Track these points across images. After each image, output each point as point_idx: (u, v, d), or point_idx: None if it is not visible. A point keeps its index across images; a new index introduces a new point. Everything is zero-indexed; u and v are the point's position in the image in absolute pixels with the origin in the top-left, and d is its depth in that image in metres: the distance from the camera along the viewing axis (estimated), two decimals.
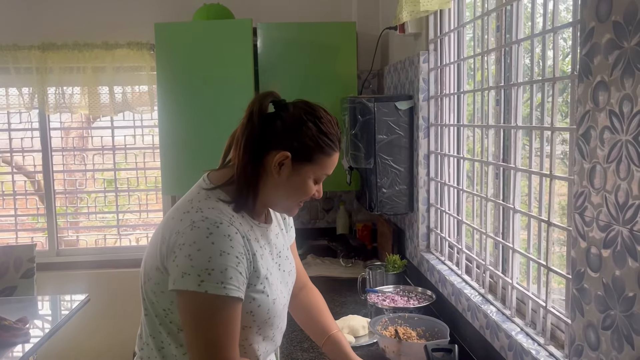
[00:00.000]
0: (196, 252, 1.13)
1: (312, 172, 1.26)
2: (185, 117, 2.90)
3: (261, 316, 1.26)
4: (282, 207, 1.33)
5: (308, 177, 1.26)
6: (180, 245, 1.15)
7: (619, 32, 1.01)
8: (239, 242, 1.18)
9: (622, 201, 1.01)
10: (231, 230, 1.17)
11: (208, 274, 1.12)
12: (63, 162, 3.61)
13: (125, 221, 3.79)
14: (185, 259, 1.13)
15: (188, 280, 1.12)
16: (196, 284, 1.12)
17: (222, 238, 1.15)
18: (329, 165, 1.28)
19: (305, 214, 3.39)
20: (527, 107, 1.66)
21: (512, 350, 1.48)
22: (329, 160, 1.27)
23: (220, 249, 1.14)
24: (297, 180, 1.26)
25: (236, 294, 1.15)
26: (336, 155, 1.29)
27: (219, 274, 1.12)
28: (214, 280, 1.12)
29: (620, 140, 1.01)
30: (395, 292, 2.15)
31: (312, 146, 1.24)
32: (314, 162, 1.25)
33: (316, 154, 1.25)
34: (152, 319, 1.26)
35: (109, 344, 3.43)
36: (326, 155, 1.26)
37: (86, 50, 3.21)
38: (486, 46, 1.79)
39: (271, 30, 2.94)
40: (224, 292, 1.13)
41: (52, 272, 3.36)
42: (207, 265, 1.12)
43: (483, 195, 1.82)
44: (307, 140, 1.23)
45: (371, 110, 2.36)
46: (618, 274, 1.02)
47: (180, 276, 1.13)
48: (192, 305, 1.15)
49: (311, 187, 1.28)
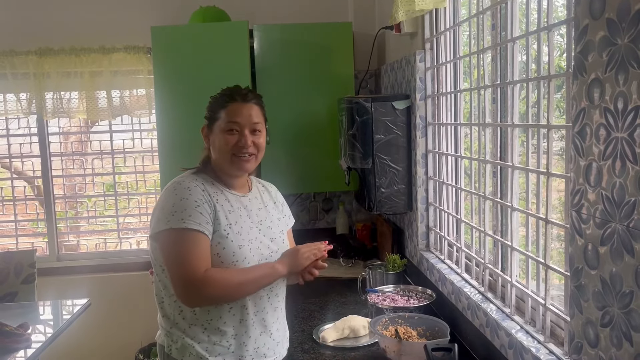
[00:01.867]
0: (165, 203, 1.49)
1: (220, 126, 1.57)
2: (184, 120, 2.90)
3: (227, 257, 1.50)
4: (224, 164, 1.58)
5: (219, 131, 1.56)
6: (157, 205, 1.53)
7: (613, 29, 1.01)
8: (198, 192, 1.50)
9: (618, 198, 1.01)
10: (191, 184, 1.52)
11: (172, 215, 1.46)
12: (62, 167, 3.61)
13: (125, 225, 3.78)
14: (159, 211, 1.50)
15: (159, 224, 1.47)
16: (164, 224, 1.46)
17: (182, 189, 1.50)
18: (229, 114, 1.56)
19: (305, 215, 3.39)
20: (523, 104, 1.66)
21: (513, 348, 1.48)
22: (226, 111, 1.56)
23: (181, 196, 1.48)
24: (215, 138, 1.58)
25: (195, 227, 1.45)
26: (233, 105, 1.57)
27: (180, 213, 1.46)
28: (177, 218, 1.45)
29: (615, 138, 1.01)
30: (395, 291, 2.15)
31: (212, 107, 1.61)
32: (218, 118, 1.58)
33: (215, 112, 1.59)
34: (156, 279, 1.57)
35: (111, 347, 3.43)
36: (222, 107, 1.57)
37: (83, 54, 3.21)
38: (482, 44, 1.79)
39: (267, 32, 2.94)
40: (184, 225, 1.44)
41: (53, 277, 3.36)
42: (171, 209, 1.47)
43: (481, 194, 1.83)
44: (208, 106, 1.63)
45: (368, 110, 2.36)
46: (615, 270, 1.03)
47: (155, 223, 1.49)
48: (164, 243, 1.48)
49: (226, 138, 1.55)
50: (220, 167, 1.60)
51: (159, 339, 1.59)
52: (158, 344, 1.60)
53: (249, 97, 1.59)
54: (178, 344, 1.51)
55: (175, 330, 1.52)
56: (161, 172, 2.96)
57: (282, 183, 2.13)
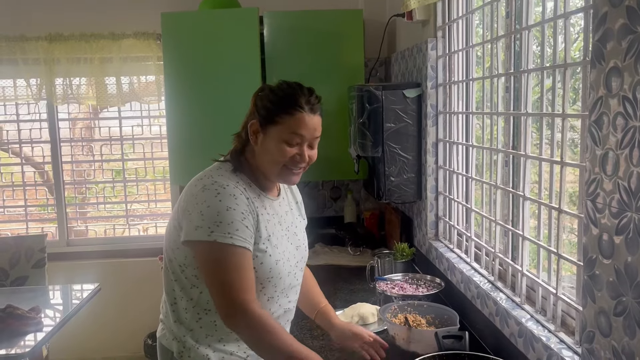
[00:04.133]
0: (206, 208, 1.33)
1: (279, 133, 1.39)
2: (193, 107, 2.90)
3: (263, 273, 1.40)
4: (272, 173, 1.44)
5: (277, 138, 1.39)
6: (194, 204, 1.35)
7: (633, 16, 0.99)
8: (244, 201, 1.37)
9: (635, 187, 1.00)
10: (236, 191, 1.36)
11: (217, 226, 1.31)
12: (71, 153, 3.62)
13: (133, 211, 3.81)
14: (197, 215, 1.33)
15: (200, 232, 1.32)
16: (206, 234, 1.31)
17: (228, 197, 1.34)
18: (294, 125, 1.38)
19: (313, 203, 3.39)
20: (535, 93, 1.65)
21: (523, 337, 1.49)
22: (292, 120, 1.38)
23: (227, 205, 1.33)
24: (270, 143, 1.40)
25: (242, 243, 1.33)
26: (301, 115, 1.38)
27: (226, 225, 1.31)
28: (222, 231, 1.31)
29: (633, 126, 1.00)
30: (404, 280, 2.15)
31: (272, 108, 1.39)
32: (278, 123, 1.39)
33: (277, 115, 1.38)
34: (169, 277, 1.46)
35: (120, 332, 3.47)
36: (288, 114, 1.38)
37: (93, 40, 3.21)
38: (495, 33, 1.77)
39: (278, 19, 2.93)
40: (231, 242, 1.31)
41: (63, 262, 3.39)
42: (215, 218, 1.31)
43: (492, 183, 1.82)
44: (267, 104, 1.40)
45: (379, 98, 2.35)
46: (630, 260, 1.02)
47: (193, 229, 1.33)
48: (205, 254, 1.34)
49: (284, 149, 1.39)
50: (264, 172, 1.45)
51: (164, 340, 1.48)
52: (163, 346, 1.49)
53: (316, 108, 1.42)
54: (191, 352, 1.42)
55: (189, 339, 1.43)
56: (170, 159, 2.96)
57: None
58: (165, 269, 1.48)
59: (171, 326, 1.46)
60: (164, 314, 1.52)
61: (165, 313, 1.50)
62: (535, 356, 1.42)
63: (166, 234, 1.48)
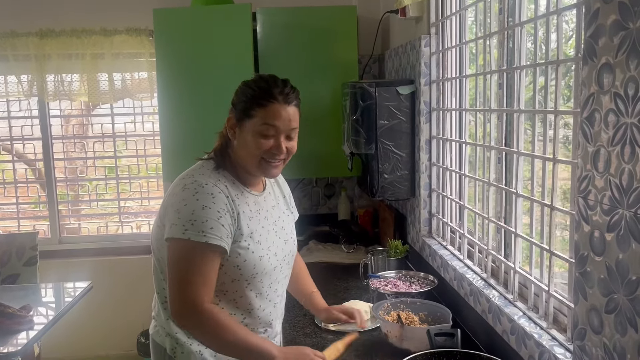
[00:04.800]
0: (183, 206, 1.34)
1: (254, 126, 1.39)
2: (186, 104, 2.89)
3: (247, 270, 1.41)
4: (251, 167, 1.44)
5: (252, 131, 1.39)
6: (172, 203, 1.37)
7: (625, 13, 0.99)
8: (222, 200, 1.36)
9: (626, 184, 1.00)
10: (215, 190, 1.37)
11: (191, 224, 1.32)
12: (63, 150, 3.60)
13: (126, 208, 3.79)
14: (174, 213, 1.35)
15: (175, 230, 1.33)
16: (181, 232, 1.32)
17: (205, 195, 1.35)
18: (267, 116, 1.38)
19: (307, 200, 3.39)
20: (528, 91, 1.65)
21: (515, 334, 1.49)
22: (264, 112, 1.38)
23: (203, 204, 1.34)
24: (246, 137, 1.41)
25: (216, 242, 1.33)
26: (273, 106, 1.38)
27: (201, 224, 1.32)
28: (196, 229, 1.32)
29: (625, 123, 1.00)
30: (397, 277, 2.15)
31: (244, 101, 1.40)
32: (252, 116, 1.39)
33: (250, 108, 1.39)
34: (158, 276, 1.47)
35: (112, 330, 3.45)
36: (260, 106, 1.38)
37: (84, 36, 3.19)
38: (488, 29, 1.76)
39: (271, 15, 2.91)
40: (204, 240, 1.32)
41: (55, 260, 3.37)
42: (190, 217, 1.32)
43: (485, 180, 1.82)
44: (241, 98, 1.42)
45: (372, 95, 2.34)
46: (622, 257, 1.02)
47: (169, 227, 1.35)
48: (176, 251, 1.35)
49: (260, 141, 1.39)
50: (244, 166, 1.45)
51: (157, 337, 1.49)
52: (156, 342, 1.49)
53: (290, 99, 1.40)
54: (184, 348, 1.43)
55: (182, 336, 1.44)
56: (163, 156, 2.95)
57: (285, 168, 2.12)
58: (155, 268, 1.49)
59: (163, 323, 1.47)
60: (156, 312, 1.52)
61: (157, 311, 1.50)
62: (528, 353, 1.42)
63: (153, 233, 1.48)
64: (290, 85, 1.43)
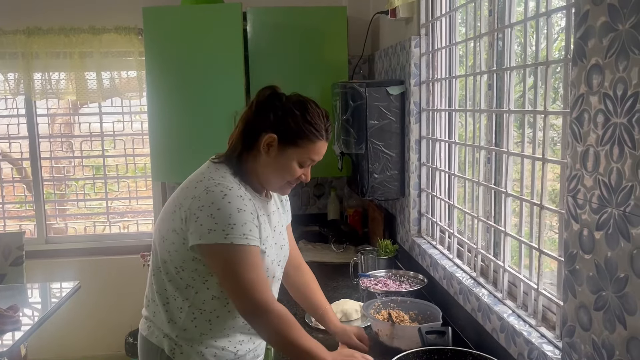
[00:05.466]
0: (216, 211, 1.32)
1: (297, 155, 1.42)
2: (175, 103, 2.87)
3: None
4: (273, 185, 1.49)
5: (292, 159, 1.43)
6: (200, 207, 1.34)
7: (614, 14, 1.01)
8: (250, 202, 1.39)
9: (615, 183, 1.02)
10: (241, 192, 1.38)
11: (231, 228, 1.32)
12: (50, 149, 3.56)
13: (114, 208, 3.76)
14: (208, 218, 1.32)
15: (214, 235, 1.32)
16: (222, 237, 1.32)
17: (236, 198, 1.35)
18: (312, 151, 1.43)
19: (296, 200, 3.39)
20: (518, 91, 1.67)
21: (504, 332, 1.50)
22: (312, 147, 1.43)
23: (237, 206, 1.34)
24: (283, 160, 1.42)
25: (256, 243, 1.36)
26: (321, 143, 1.44)
27: (241, 227, 1.33)
28: (237, 233, 1.33)
29: (613, 123, 1.02)
30: (387, 276, 2.16)
31: (297, 131, 1.41)
32: (299, 146, 1.41)
33: (300, 138, 1.41)
34: (161, 277, 1.45)
35: (100, 331, 3.43)
36: (310, 141, 1.42)
37: (72, 35, 3.16)
38: (478, 30, 1.78)
39: (261, 15, 2.91)
40: (246, 242, 1.34)
41: (42, 260, 3.33)
42: (229, 220, 1.32)
43: (475, 180, 1.83)
44: (293, 125, 1.41)
45: (363, 95, 2.35)
46: (610, 255, 1.04)
47: (206, 232, 1.32)
48: (221, 256, 1.35)
49: (296, 169, 1.44)
50: (264, 180, 1.47)
51: (153, 337, 1.47)
52: (151, 343, 1.47)
53: (329, 136, 1.47)
54: (183, 349, 1.43)
55: (182, 337, 1.44)
56: (151, 155, 2.93)
57: None
58: (157, 269, 1.46)
59: (162, 324, 1.46)
60: (151, 312, 1.50)
61: (155, 311, 1.48)
62: (517, 351, 1.43)
63: (158, 237, 1.45)
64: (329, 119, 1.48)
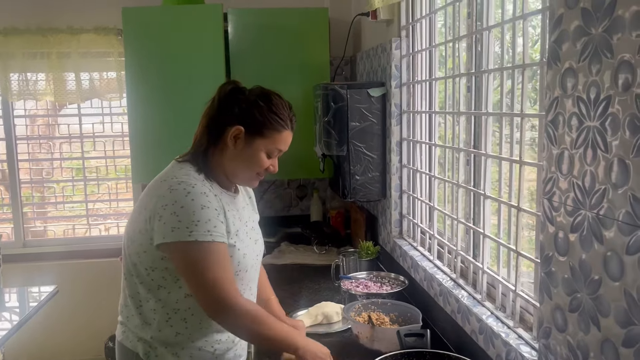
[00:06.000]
0: (180, 209, 1.33)
1: (264, 145, 1.45)
2: (155, 104, 2.84)
3: (233, 267, 1.43)
4: (241, 177, 1.50)
5: (260, 149, 1.45)
6: (164, 206, 1.34)
7: (587, 18, 1.02)
8: (214, 198, 1.39)
9: (588, 186, 1.02)
10: (205, 189, 1.38)
11: (195, 225, 1.32)
12: (28, 151, 3.50)
13: (95, 210, 3.71)
14: (172, 216, 1.33)
15: (178, 233, 1.32)
16: (186, 234, 1.32)
17: (199, 195, 1.35)
18: (279, 141, 1.46)
19: (279, 202, 3.38)
20: (497, 94, 1.68)
21: (483, 333, 1.51)
22: (279, 136, 1.46)
23: (201, 203, 1.34)
24: (250, 152, 1.45)
25: (221, 239, 1.36)
26: (286, 132, 1.47)
27: (205, 224, 1.33)
28: (201, 230, 1.32)
29: (587, 126, 1.02)
30: (368, 278, 2.16)
31: (263, 121, 1.43)
32: (265, 137, 1.44)
33: (267, 129, 1.44)
34: (133, 281, 1.44)
35: (80, 335, 3.38)
36: (276, 131, 1.45)
37: (50, 35, 3.11)
38: (457, 33, 1.79)
39: (242, 16, 2.90)
40: (211, 239, 1.34)
41: (19, 264, 3.28)
42: (192, 218, 1.32)
43: (454, 182, 1.84)
44: (259, 116, 1.43)
45: (344, 97, 2.35)
46: (585, 257, 1.05)
47: (170, 231, 1.32)
48: (185, 254, 1.34)
49: (264, 160, 1.46)
50: (231, 174, 1.48)
51: (128, 342, 1.46)
52: (126, 348, 1.46)
53: (294, 126, 1.51)
54: (157, 351, 1.43)
55: (156, 341, 1.43)
56: (132, 157, 2.90)
57: None
58: (128, 273, 1.46)
59: (136, 328, 1.45)
60: (125, 317, 1.49)
61: (129, 315, 1.47)
62: (495, 352, 1.44)
63: (127, 240, 1.45)
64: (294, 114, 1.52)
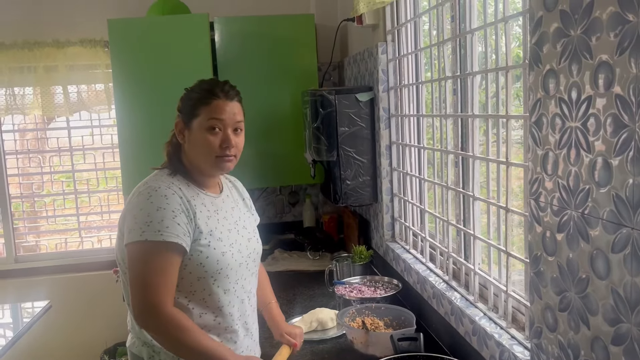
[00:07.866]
0: (139, 211, 1.37)
1: (200, 123, 1.45)
2: (144, 115, 2.84)
3: (212, 267, 1.43)
4: (205, 165, 1.49)
5: (200, 129, 1.45)
6: (129, 210, 1.40)
7: (566, 20, 1.03)
8: (176, 200, 1.39)
9: (573, 186, 1.03)
10: (168, 192, 1.40)
11: (147, 226, 1.34)
12: (18, 166, 3.48)
13: (87, 223, 3.69)
14: (131, 219, 1.38)
15: (133, 234, 1.35)
16: (138, 235, 1.34)
17: (159, 198, 1.38)
18: (212, 112, 1.45)
19: (271, 209, 3.37)
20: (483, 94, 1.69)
21: (477, 335, 1.51)
22: (209, 108, 1.45)
23: (158, 205, 1.37)
24: (195, 135, 1.46)
25: (173, 239, 1.35)
26: (216, 102, 1.46)
27: (157, 224, 1.35)
28: (153, 229, 1.34)
29: (569, 127, 1.03)
30: (362, 282, 2.16)
31: (190, 103, 1.47)
32: (198, 114, 1.45)
33: (196, 107, 1.46)
34: (127, 286, 1.45)
35: (75, 349, 3.35)
36: (204, 104, 1.45)
37: (36, 48, 3.10)
38: (442, 36, 1.80)
39: (229, 25, 2.90)
40: (161, 238, 1.34)
41: (11, 280, 3.25)
42: (146, 219, 1.35)
43: (444, 184, 1.85)
44: (187, 100, 1.49)
45: (332, 102, 2.36)
46: (572, 256, 1.05)
47: (128, 232, 1.37)
48: (134, 253, 1.36)
49: (209, 138, 1.45)
50: (198, 167, 1.49)
51: (134, 348, 1.48)
52: (134, 354, 1.49)
53: (231, 95, 1.48)
54: (161, 354, 1.43)
55: (157, 345, 1.42)
56: (122, 168, 2.89)
57: (248, 177, 2.11)
58: (123, 282, 1.49)
59: (138, 333, 1.47)
60: (131, 324, 1.52)
61: (132, 321, 1.50)
62: (489, 353, 1.44)
63: (116, 246, 1.50)
64: (230, 84, 1.51)
